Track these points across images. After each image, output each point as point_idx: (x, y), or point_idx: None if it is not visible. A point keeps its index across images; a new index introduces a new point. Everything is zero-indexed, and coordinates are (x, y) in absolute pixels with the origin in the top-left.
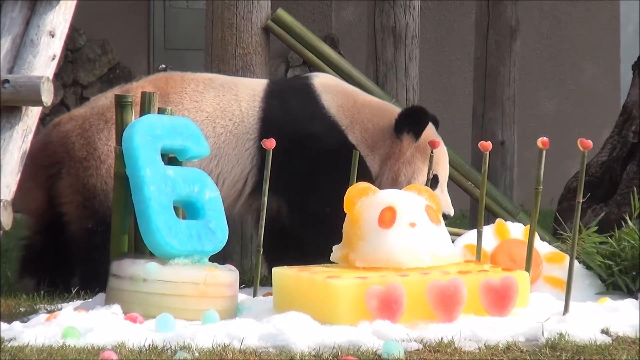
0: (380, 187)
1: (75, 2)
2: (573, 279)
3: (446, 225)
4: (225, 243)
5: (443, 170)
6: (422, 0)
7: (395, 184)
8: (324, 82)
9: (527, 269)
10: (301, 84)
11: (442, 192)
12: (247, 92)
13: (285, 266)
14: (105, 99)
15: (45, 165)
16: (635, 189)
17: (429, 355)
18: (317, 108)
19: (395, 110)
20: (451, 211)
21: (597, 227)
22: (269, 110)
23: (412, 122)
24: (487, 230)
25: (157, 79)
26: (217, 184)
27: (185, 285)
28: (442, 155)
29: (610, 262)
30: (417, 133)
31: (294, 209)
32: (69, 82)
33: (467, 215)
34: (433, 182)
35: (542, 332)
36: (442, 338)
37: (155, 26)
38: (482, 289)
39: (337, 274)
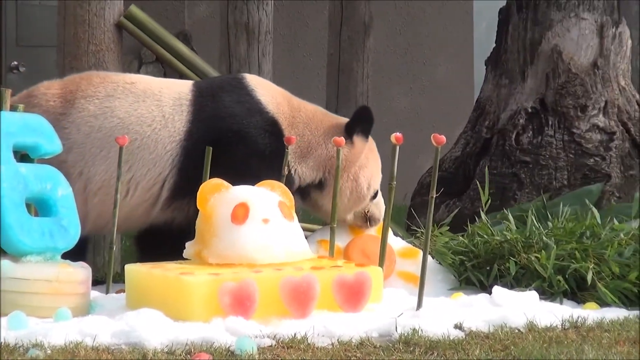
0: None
1: None
2: (426, 275)
3: (307, 221)
4: (77, 240)
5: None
6: None
7: (357, 188)
8: (256, 78)
9: (381, 264)
10: (231, 79)
11: (379, 197)
12: (172, 95)
13: (139, 263)
14: None
15: None
16: (478, 183)
17: (282, 352)
18: (253, 103)
19: (329, 114)
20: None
21: (449, 227)
22: (198, 111)
23: (361, 122)
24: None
25: (71, 80)
26: (129, 190)
27: (37, 282)
28: (379, 162)
29: (464, 258)
30: (366, 132)
31: None
32: None
33: None
34: None
35: (396, 328)
36: (295, 334)
37: (7, 23)
38: (336, 284)
39: (190, 271)
